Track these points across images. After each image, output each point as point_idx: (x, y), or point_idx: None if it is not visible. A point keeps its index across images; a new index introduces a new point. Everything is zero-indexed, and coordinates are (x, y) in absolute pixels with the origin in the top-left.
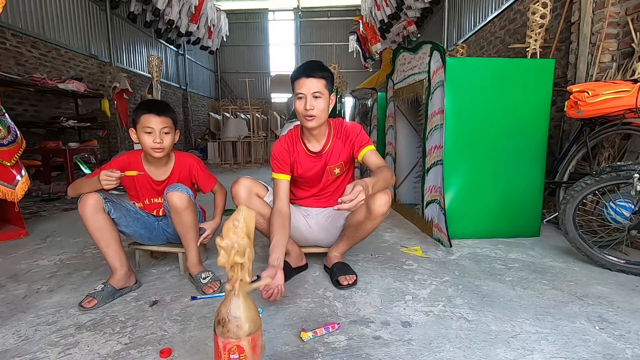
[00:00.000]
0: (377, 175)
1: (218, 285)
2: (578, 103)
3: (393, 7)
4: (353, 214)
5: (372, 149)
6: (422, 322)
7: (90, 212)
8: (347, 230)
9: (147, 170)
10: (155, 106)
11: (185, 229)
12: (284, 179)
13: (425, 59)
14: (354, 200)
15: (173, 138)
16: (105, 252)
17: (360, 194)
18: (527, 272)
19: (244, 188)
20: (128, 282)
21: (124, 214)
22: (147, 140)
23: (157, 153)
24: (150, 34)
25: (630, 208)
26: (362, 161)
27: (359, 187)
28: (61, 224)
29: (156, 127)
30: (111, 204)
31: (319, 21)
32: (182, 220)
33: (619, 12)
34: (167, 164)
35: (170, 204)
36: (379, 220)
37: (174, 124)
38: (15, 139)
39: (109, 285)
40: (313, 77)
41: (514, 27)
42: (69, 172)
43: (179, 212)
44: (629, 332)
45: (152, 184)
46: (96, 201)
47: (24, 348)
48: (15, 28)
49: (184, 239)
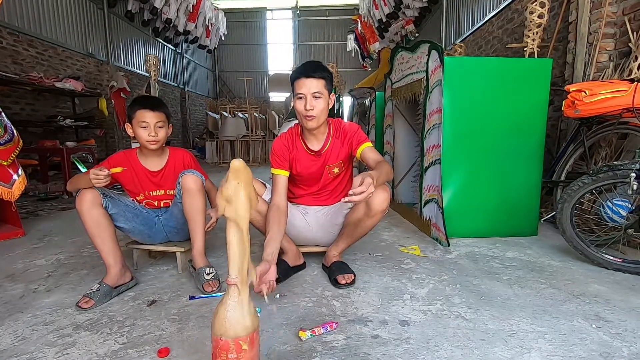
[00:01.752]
0: (379, 169)
1: (217, 285)
2: (575, 102)
3: (391, 6)
4: (352, 211)
5: (370, 145)
6: (420, 321)
7: (87, 206)
8: (346, 228)
9: (143, 163)
10: (150, 102)
11: (194, 213)
12: (283, 175)
13: (423, 58)
14: (365, 192)
15: (167, 131)
16: (101, 248)
17: (370, 185)
18: (524, 271)
19: None
20: (123, 279)
21: (123, 210)
22: (143, 133)
23: (152, 145)
24: (147, 33)
25: (627, 207)
26: (360, 158)
27: (369, 179)
28: (58, 224)
29: (151, 122)
30: (109, 200)
31: (317, 20)
32: (193, 203)
33: (616, 11)
34: (161, 156)
35: (184, 186)
36: (378, 217)
37: (167, 119)
38: (12, 138)
39: (104, 284)
40: (313, 78)
41: (512, 26)
42: (66, 171)
43: (192, 194)
44: (625, 330)
45: (149, 176)
46: (93, 196)
47: (21, 348)
48: (12, 26)
49: (193, 223)
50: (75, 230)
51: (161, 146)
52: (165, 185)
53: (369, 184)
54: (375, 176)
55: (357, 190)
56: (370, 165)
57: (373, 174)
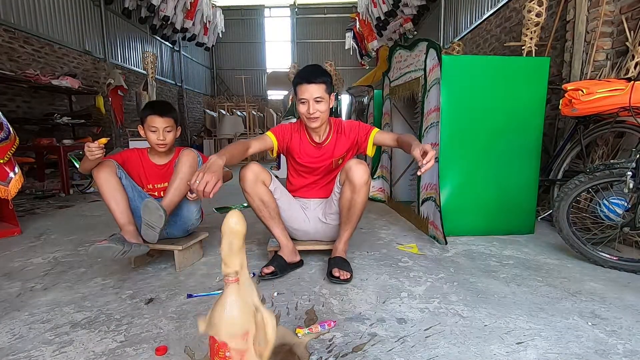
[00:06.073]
0: (409, 138)
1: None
2: (572, 101)
3: (389, 4)
4: (340, 196)
5: (377, 131)
6: (418, 318)
7: (104, 175)
8: (342, 214)
9: (152, 159)
10: (159, 107)
11: (179, 174)
12: (272, 140)
13: (421, 56)
14: (430, 154)
15: (175, 135)
16: (115, 209)
17: (429, 147)
18: (521, 269)
19: (252, 173)
20: (137, 239)
21: (131, 186)
22: (152, 137)
23: (161, 148)
24: (145, 30)
25: (623, 205)
26: (375, 144)
27: (428, 145)
28: (55, 222)
29: (160, 126)
30: (123, 172)
31: (315, 18)
32: (182, 166)
33: (613, 10)
34: (169, 154)
35: (181, 155)
36: (364, 190)
37: (175, 123)
38: (8, 136)
39: (119, 234)
40: (314, 83)
41: (510, 25)
42: (62, 169)
43: (184, 161)
44: (620, 327)
45: (155, 168)
46: (110, 167)
47: (18, 346)
48: (8, 23)
49: (173, 179)
50: (72, 229)
51: (169, 148)
52: (168, 177)
53: (428, 148)
54: (417, 141)
55: (425, 160)
56: (391, 144)
57: (414, 141)
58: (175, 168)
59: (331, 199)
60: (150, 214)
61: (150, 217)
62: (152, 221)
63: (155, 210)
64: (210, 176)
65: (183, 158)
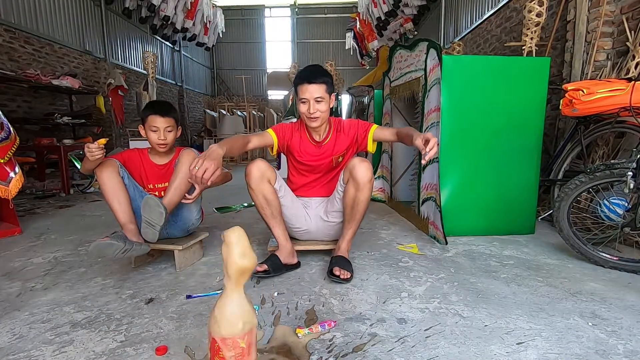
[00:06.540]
0: (409, 130)
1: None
2: (573, 101)
3: (390, 4)
4: (344, 194)
5: (376, 127)
6: (418, 318)
7: (107, 174)
8: (345, 212)
9: (153, 159)
10: (160, 108)
11: (179, 173)
12: (272, 137)
13: (421, 56)
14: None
15: (175, 135)
16: (117, 208)
17: (430, 135)
18: (521, 269)
19: (258, 170)
20: (138, 238)
21: (133, 186)
22: (153, 137)
23: (161, 148)
24: (145, 30)
25: (623, 206)
26: (375, 140)
27: (430, 133)
28: (55, 222)
29: (160, 126)
30: (125, 172)
31: (316, 18)
32: (182, 165)
33: (613, 10)
34: (169, 154)
35: (181, 155)
36: (367, 187)
37: (176, 123)
38: (8, 136)
39: (120, 232)
40: (315, 83)
41: (510, 25)
42: (63, 169)
43: (184, 161)
44: (621, 328)
45: (155, 168)
46: (113, 166)
47: (18, 346)
48: (8, 23)
49: (173, 178)
50: (72, 228)
51: (170, 148)
52: (169, 177)
53: (429, 136)
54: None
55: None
56: (391, 139)
57: (415, 132)
58: (175, 168)
59: (334, 197)
60: (150, 211)
61: (150, 214)
62: (152, 219)
63: (155, 207)
64: (209, 163)
65: (183, 158)
